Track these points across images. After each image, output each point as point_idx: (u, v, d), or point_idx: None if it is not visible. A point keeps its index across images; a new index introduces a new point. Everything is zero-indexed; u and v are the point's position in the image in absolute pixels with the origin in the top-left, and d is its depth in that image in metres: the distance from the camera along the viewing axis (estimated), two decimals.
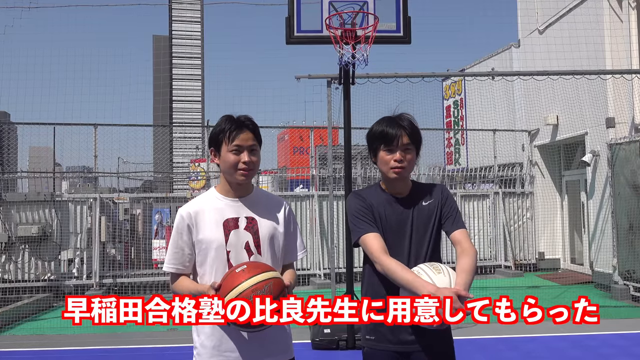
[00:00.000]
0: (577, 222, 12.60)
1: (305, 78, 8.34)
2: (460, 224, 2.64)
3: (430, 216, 2.63)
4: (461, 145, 17.52)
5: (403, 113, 2.68)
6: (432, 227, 2.62)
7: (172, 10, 57.57)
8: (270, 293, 2.23)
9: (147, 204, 11.90)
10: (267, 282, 2.25)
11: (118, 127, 12.47)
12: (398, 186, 2.66)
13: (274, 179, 16.23)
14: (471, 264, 2.49)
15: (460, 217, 2.68)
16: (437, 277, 2.38)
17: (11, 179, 12.84)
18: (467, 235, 2.63)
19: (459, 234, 2.60)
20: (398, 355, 2.53)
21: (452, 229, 2.62)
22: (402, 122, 2.61)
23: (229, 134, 2.47)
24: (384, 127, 2.61)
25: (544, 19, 12.90)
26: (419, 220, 2.61)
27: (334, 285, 8.25)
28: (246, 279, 2.24)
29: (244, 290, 2.21)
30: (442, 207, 2.65)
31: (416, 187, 2.71)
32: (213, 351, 2.45)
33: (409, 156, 2.59)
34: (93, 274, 10.83)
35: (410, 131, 2.60)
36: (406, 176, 2.65)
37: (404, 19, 6.30)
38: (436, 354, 2.54)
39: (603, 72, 9.57)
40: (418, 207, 2.63)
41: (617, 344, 6.49)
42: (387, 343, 2.54)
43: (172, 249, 2.54)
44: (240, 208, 2.55)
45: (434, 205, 2.65)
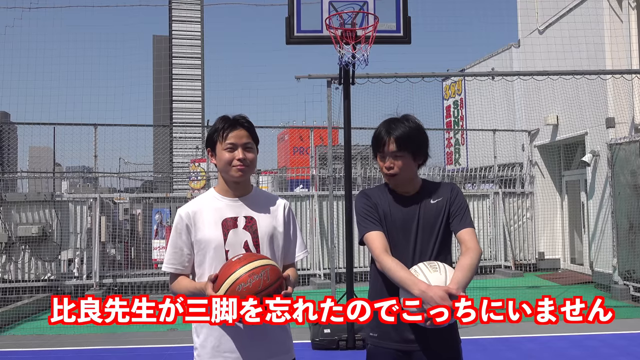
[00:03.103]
0: (577, 222, 12.60)
1: (305, 78, 8.34)
2: (467, 223, 2.60)
3: (438, 215, 2.59)
4: (461, 145, 17.52)
5: (405, 115, 2.65)
6: (439, 226, 2.58)
7: (172, 10, 57.53)
8: (267, 278, 2.22)
9: (147, 204, 11.90)
10: (263, 267, 2.25)
11: (118, 127, 12.46)
12: (402, 186, 2.64)
13: (274, 179, 16.23)
14: (470, 263, 2.46)
15: (469, 216, 2.63)
16: (432, 275, 2.37)
17: (11, 179, 12.83)
18: (474, 234, 2.59)
19: (464, 233, 2.57)
20: (401, 353, 2.53)
21: (458, 228, 2.59)
22: (392, 130, 2.56)
23: (222, 132, 2.49)
24: (377, 132, 2.62)
25: (544, 19, 12.90)
26: (426, 219, 2.58)
27: (334, 285, 8.25)
28: (242, 266, 2.24)
29: (240, 276, 2.20)
30: (451, 206, 2.61)
31: (426, 185, 2.69)
32: (213, 351, 2.44)
33: (398, 162, 2.56)
34: (93, 274, 10.83)
35: (399, 139, 2.54)
36: (402, 180, 2.62)
37: (404, 19, 6.30)
38: (439, 355, 2.52)
39: (603, 72, 9.57)
40: (425, 206, 2.61)
41: (617, 344, 6.49)
42: (390, 341, 2.53)
43: (171, 249, 2.53)
44: (239, 207, 2.54)
45: (442, 203, 2.61)
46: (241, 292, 2.18)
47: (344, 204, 6.98)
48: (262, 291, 2.20)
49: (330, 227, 9.04)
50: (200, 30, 58.56)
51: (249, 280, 2.19)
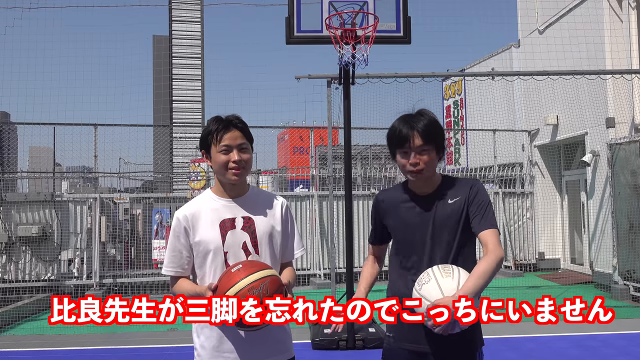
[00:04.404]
0: (577, 222, 12.60)
1: (305, 78, 8.34)
2: (488, 223, 2.43)
3: (454, 216, 2.47)
4: (461, 145, 17.52)
5: (421, 110, 2.55)
6: (455, 227, 2.47)
7: (172, 10, 57.56)
8: (267, 291, 2.22)
9: (147, 204, 11.90)
10: (263, 280, 2.24)
11: (118, 127, 12.45)
12: (422, 185, 2.56)
13: (274, 179, 16.23)
14: (486, 269, 2.30)
15: (491, 214, 2.47)
16: (444, 280, 2.29)
17: (11, 179, 12.84)
18: (495, 235, 2.42)
19: (485, 235, 2.42)
20: (416, 355, 2.50)
21: (479, 229, 2.44)
22: (415, 123, 2.46)
23: (216, 134, 2.46)
24: (396, 129, 2.50)
25: (544, 19, 12.90)
26: (441, 220, 2.48)
27: (334, 285, 8.25)
28: (242, 279, 2.23)
29: (240, 289, 2.20)
30: (470, 205, 2.48)
31: (445, 183, 2.57)
32: (213, 352, 2.44)
33: (424, 157, 2.46)
34: (93, 274, 10.82)
35: (424, 132, 2.45)
36: (428, 176, 2.52)
37: (404, 19, 6.30)
38: (454, 358, 2.48)
39: (603, 72, 9.57)
40: (441, 206, 2.50)
41: (617, 344, 6.49)
42: (405, 342, 2.51)
43: (170, 252, 2.53)
44: (236, 208, 2.54)
45: (459, 203, 2.49)
46: None
47: (344, 204, 6.98)
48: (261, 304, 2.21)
49: (330, 227, 9.04)
50: (200, 30, 58.56)
51: (247, 296, 2.19)
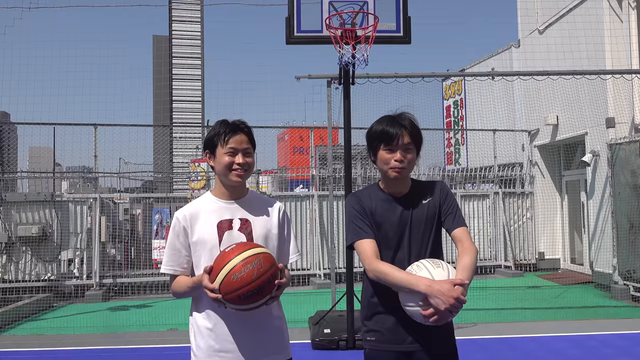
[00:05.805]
0: (577, 222, 12.60)
1: (305, 78, 8.34)
2: (461, 221, 2.61)
3: (430, 215, 2.60)
4: (461, 145, 17.52)
5: (404, 112, 2.66)
6: (431, 226, 2.59)
7: (172, 10, 57.51)
8: (261, 266, 2.26)
9: (147, 204, 11.90)
10: (257, 256, 2.29)
11: (118, 127, 12.45)
12: (397, 185, 2.63)
13: (274, 179, 16.21)
14: (471, 263, 2.46)
15: (461, 214, 2.65)
16: (435, 270, 2.36)
17: (11, 179, 12.83)
18: (468, 233, 2.61)
19: (459, 232, 2.58)
20: (401, 354, 2.52)
21: (453, 226, 2.60)
22: (403, 122, 2.58)
23: (224, 137, 2.53)
24: (384, 126, 2.58)
25: (544, 19, 12.90)
26: (418, 219, 2.58)
27: (334, 285, 8.25)
28: (235, 256, 2.28)
29: (235, 265, 2.25)
30: (442, 205, 2.63)
31: (416, 185, 2.68)
32: (209, 351, 2.46)
33: (409, 156, 2.57)
34: (93, 274, 10.83)
35: (411, 131, 2.57)
36: (406, 176, 2.63)
37: (404, 19, 6.30)
38: (438, 354, 2.52)
39: (603, 72, 9.57)
40: (416, 206, 2.61)
41: (617, 344, 6.49)
42: (387, 343, 2.53)
43: (169, 251, 2.58)
44: (234, 210, 2.58)
45: (433, 203, 2.62)
46: (236, 281, 2.23)
47: (344, 204, 6.98)
48: (256, 279, 2.24)
49: (330, 227, 9.05)
50: (200, 30, 58.55)
51: (243, 270, 2.24)
